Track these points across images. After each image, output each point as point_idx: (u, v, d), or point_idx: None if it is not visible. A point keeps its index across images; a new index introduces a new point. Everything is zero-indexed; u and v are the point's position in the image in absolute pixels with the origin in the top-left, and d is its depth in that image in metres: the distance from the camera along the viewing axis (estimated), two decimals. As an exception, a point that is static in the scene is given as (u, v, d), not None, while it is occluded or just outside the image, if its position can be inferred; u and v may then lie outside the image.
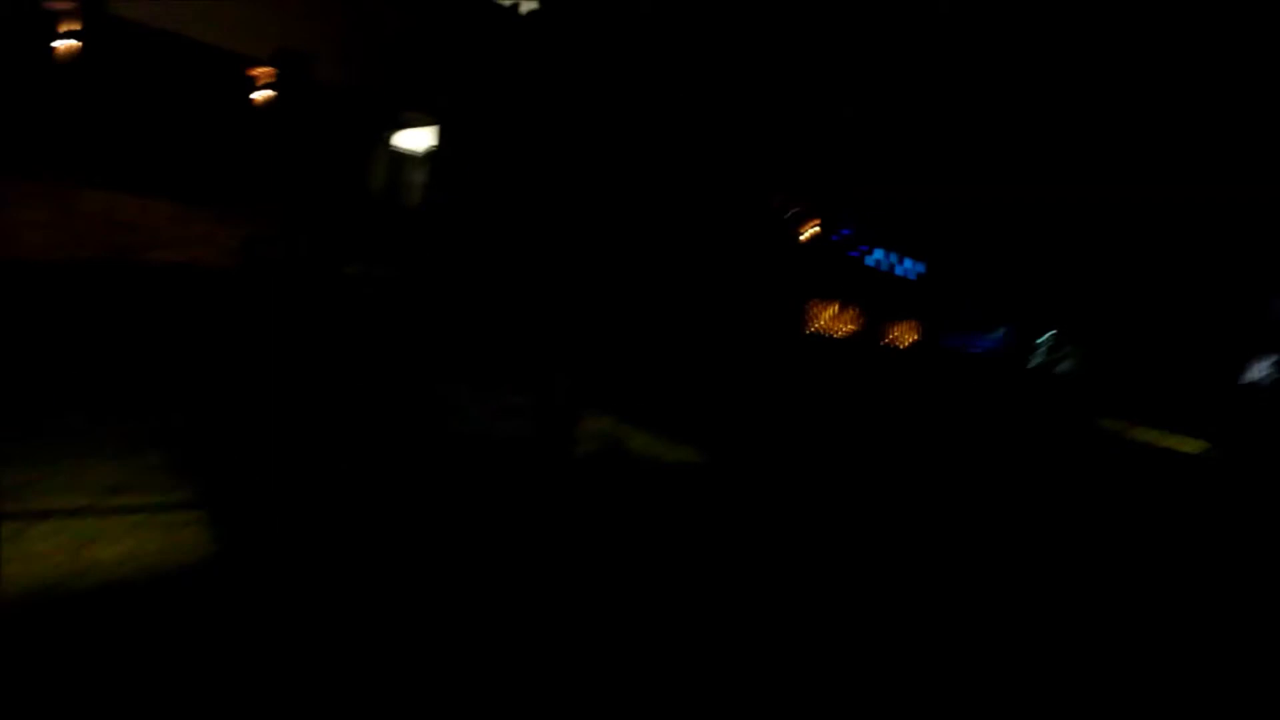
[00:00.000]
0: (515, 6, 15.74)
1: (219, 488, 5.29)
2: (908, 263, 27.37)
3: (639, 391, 10.54)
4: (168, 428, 5.98)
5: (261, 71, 11.59)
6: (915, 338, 26.33)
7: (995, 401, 22.12)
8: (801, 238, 24.12)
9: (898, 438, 13.76)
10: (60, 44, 9.62)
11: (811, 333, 22.88)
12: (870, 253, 26.30)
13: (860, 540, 7.04)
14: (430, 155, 14.28)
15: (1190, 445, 21.85)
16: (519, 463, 6.67)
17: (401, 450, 6.48)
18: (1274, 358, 37.70)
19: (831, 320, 23.53)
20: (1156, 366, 29.84)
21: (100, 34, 10.04)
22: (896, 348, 25.67)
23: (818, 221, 23.06)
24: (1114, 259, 29.48)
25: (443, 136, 13.77)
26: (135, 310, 8.66)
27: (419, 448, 6.48)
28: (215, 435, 6.02)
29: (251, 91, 11.57)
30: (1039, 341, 31.66)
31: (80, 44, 9.75)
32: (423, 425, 7.00)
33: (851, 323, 24.07)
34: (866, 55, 23.77)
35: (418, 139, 14.68)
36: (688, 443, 8.98)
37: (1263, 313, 34.69)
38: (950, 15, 27.72)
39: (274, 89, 11.61)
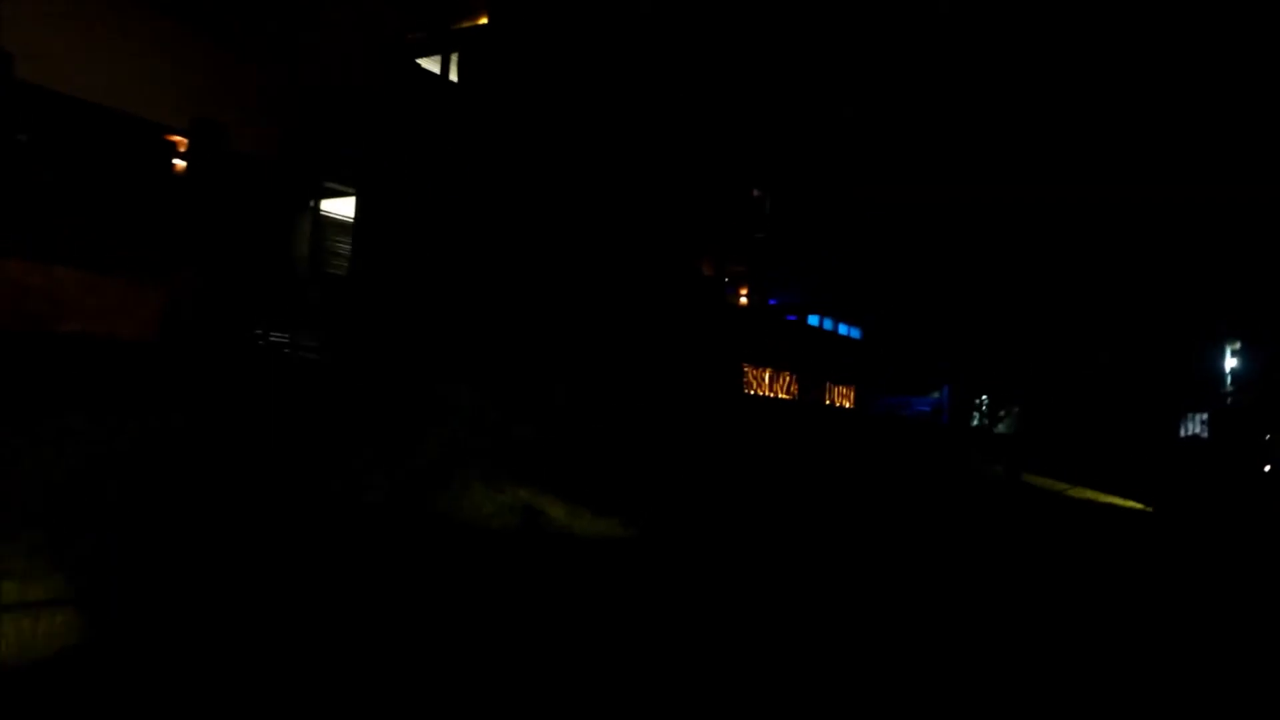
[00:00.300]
0: (444, 73, 15.86)
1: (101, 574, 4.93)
2: (843, 327, 27.85)
3: (564, 460, 10.32)
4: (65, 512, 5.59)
5: (178, 140, 11.38)
6: (851, 400, 26.57)
7: (932, 461, 22.28)
8: (737, 302, 24.36)
9: (834, 502, 13.69)
10: (-39, 110, 9.32)
11: (749, 395, 22.93)
12: (806, 318, 26.69)
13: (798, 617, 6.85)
14: (355, 223, 14.13)
15: (1127, 503, 22.27)
16: (405, 537, 6.39)
17: (287, 526, 6.16)
18: (1203, 416, 38.96)
19: (768, 383, 23.63)
20: (1091, 428, 30.53)
21: (6, 98, 9.76)
22: (834, 409, 25.83)
23: (746, 289, 23.39)
24: (1049, 320, 30.25)
25: (361, 205, 13.65)
26: (43, 385, 8.20)
27: (309, 522, 6.16)
28: (109, 518, 5.64)
29: (168, 159, 11.34)
30: (978, 401, 32.23)
31: (-17, 110, 9.46)
32: (322, 499, 6.67)
33: (788, 386, 24.21)
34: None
35: (344, 206, 14.53)
36: (613, 514, 8.77)
37: (1190, 373, 35.92)
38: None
39: (190, 158, 11.40)
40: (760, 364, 23.86)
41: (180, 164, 11.45)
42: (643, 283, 19.35)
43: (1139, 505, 21.63)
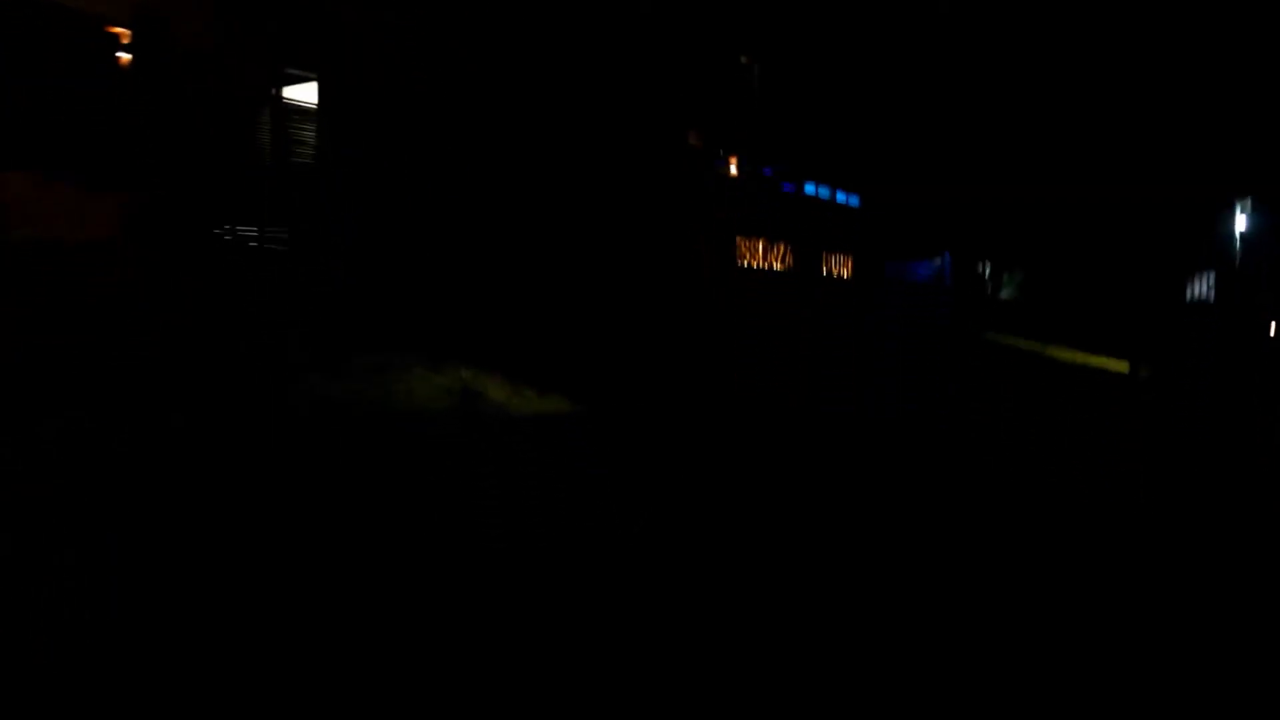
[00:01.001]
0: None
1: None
2: (840, 195, 27.30)
3: (521, 341, 10.61)
4: None
5: (121, 32, 11.24)
6: (850, 269, 26.37)
7: (931, 328, 22.32)
8: (728, 173, 23.95)
9: (830, 370, 13.89)
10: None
11: (742, 268, 22.89)
12: (803, 186, 26.20)
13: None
14: (320, 111, 14.01)
15: (1120, 365, 22.26)
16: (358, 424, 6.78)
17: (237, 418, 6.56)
18: (1211, 277, 38.22)
19: (762, 254, 23.53)
20: (1095, 293, 30.10)
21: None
22: (830, 278, 25.70)
23: (737, 159, 22.93)
24: (1052, 181, 29.45)
25: (324, 91, 13.50)
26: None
27: (243, 417, 6.54)
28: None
29: (113, 54, 11.24)
30: (980, 266, 31.86)
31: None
32: (260, 392, 7.05)
33: (783, 256, 24.09)
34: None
35: (307, 92, 14.36)
36: (560, 393, 9.10)
37: (1199, 234, 35.00)
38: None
39: (135, 51, 11.28)
40: (754, 235, 23.69)
41: (126, 57, 11.35)
42: (623, 154, 19.09)
43: (1124, 367, 21.67)
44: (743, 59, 22.97)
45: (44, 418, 6.21)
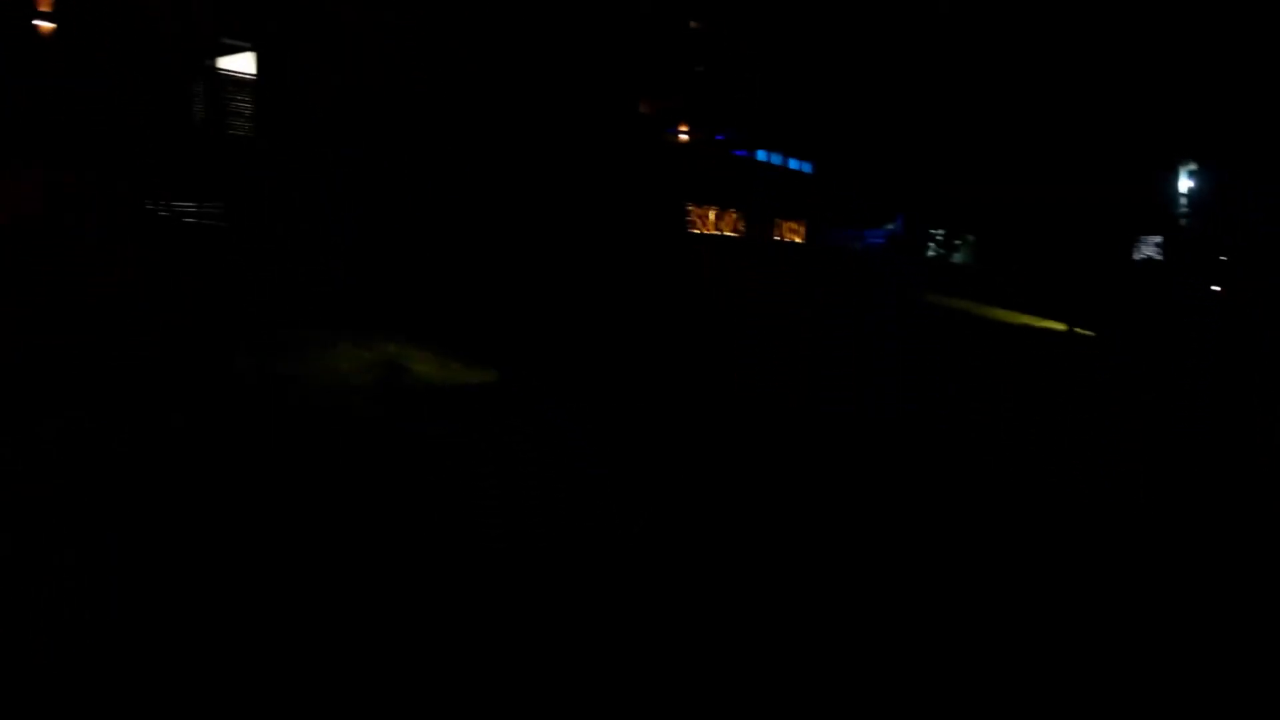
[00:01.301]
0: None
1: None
2: (794, 162, 27.54)
3: (455, 314, 10.75)
4: None
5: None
6: (802, 235, 26.71)
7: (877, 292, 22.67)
8: (677, 139, 24.01)
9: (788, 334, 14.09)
10: None
11: (694, 234, 23.10)
12: (755, 153, 26.37)
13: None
14: (257, 82, 13.90)
15: (1054, 325, 22.80)
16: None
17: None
18: (1157, 240, 38.99)
19: (713, 221, 23.75)
20: (1041, 254, 30.64)
21: None
22: (783, 244, 26.03)
23: (687, 126, 22.97)
24: (1001, 143, 29.84)
25: (261, 65, 13.40)
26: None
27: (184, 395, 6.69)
28: None
29: (30, 22, 11.08)
30: (933, 231, 32.28)
31: None
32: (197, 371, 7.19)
33: (735, 223, 24.33)
34: None
35: (245, 62, 14.22)
36: (490, 365, 9.28)
37: (1145, 196, 35.60)
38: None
39: (56, 19, 11.13)
40: (705, 202, 23.88)
41: (47, 26, 11.19)
42: (569, 121, 19.08)
43: (1063, 327, 22.18)
44: (692, 24, 22.94)
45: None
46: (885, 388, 12.27)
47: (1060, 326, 21.04)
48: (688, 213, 22.85)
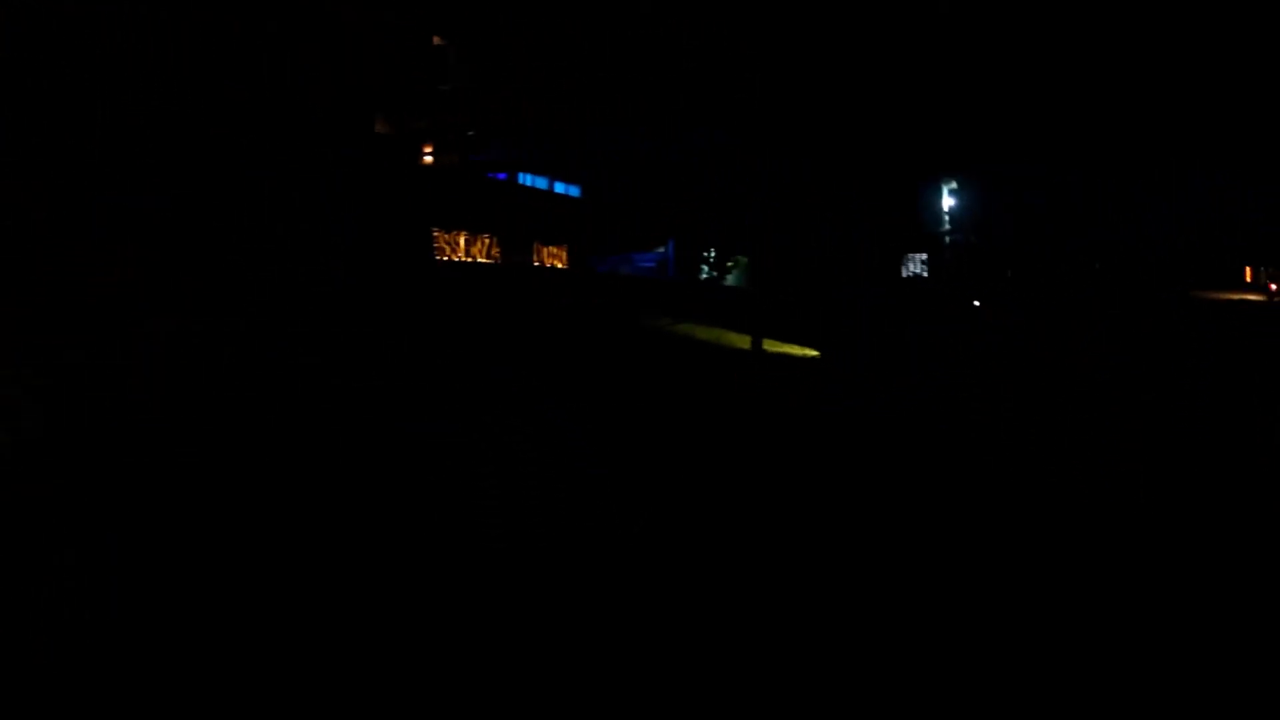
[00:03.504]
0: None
1: None
2: (560, 186, 27.08)
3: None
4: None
5: None
6: (564, 260, 26.23)
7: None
8: (421, 161, 23.03)
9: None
10: None
11: (443, 261, 22.12)
12: (516, 176, 25.70)
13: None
14: None
15: (807, 352, 23.47)
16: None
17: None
18: (923, 257, 41.68)
19: (464, 248, 22.87)
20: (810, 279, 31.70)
21: None
22: (542, 270, 25.44)
23: (432, 147, 22.08)
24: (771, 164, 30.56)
25: None
26: None
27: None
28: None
29: None
30: (705, 254, 32.71)
31: None
32: None
33: (488, 249, 23.54)
34: None
35: None
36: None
37: (911, 214, 37.94)
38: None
39: None
40: (454, 228, 22.93)
41: None
42: (291, 141, 17.70)
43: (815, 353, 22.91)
44: (435, 40, 22.04)
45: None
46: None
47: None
48: (433, 239, 21.86)
